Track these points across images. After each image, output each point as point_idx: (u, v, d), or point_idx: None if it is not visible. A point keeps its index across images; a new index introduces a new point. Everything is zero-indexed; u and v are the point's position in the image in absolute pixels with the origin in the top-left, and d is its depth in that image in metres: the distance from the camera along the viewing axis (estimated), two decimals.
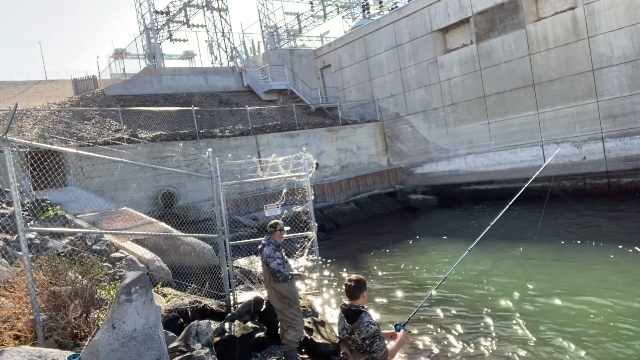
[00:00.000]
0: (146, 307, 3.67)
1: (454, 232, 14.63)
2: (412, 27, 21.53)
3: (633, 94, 15.29)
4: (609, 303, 7.54)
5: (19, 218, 4.17)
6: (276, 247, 5.53)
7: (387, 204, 20.84)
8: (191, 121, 19.13)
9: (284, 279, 5.33)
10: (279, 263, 5.36)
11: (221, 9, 27.41)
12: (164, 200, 15.17)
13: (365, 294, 3.79)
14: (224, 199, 7.78)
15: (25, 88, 27.53)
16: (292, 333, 5.46)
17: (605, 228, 12.43)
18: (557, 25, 16.70)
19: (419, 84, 21.71)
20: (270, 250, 5.48)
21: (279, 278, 5.35)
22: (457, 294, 8.88)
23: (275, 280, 5.41)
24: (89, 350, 3.48)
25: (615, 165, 15.94)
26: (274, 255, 5.41)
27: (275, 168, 8.77)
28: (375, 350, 3.55)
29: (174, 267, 8.54)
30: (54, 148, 5.56)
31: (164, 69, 25.12)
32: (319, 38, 36.96)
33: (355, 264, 12.35)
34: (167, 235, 9.27)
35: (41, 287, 4.59)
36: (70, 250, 7.38)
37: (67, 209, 10.38)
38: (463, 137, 20.32)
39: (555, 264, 9.99)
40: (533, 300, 8.15)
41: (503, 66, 18.45)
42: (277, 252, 5.46)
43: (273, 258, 5.40)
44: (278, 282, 5.42)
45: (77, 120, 18.49)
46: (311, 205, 8.09)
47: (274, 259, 5.39)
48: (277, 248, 5.53)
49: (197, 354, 4.35)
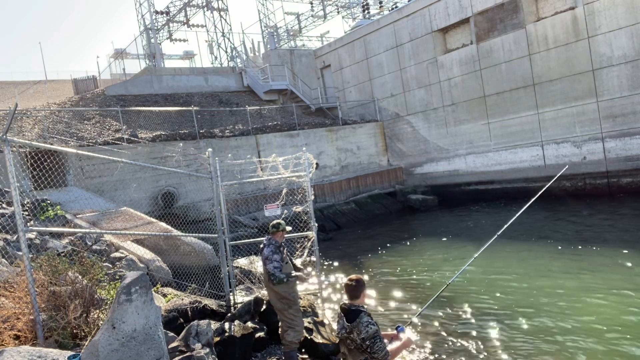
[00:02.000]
0: (146, 307, 3.67)
1: (454, 232, 14.63)
2: (412, 27, 21.53)
3: (633, 94, 15.29)
4: (613, 303, 7.54)
5: (19, 218, 4.17)
6: (276, 248, 5.49)
7: (387, 204, 20.83)
8: (191, 121, 19.13)
9: (278, 282, 5.32)
10: (275, 266, 5.33)
11: (221, 9, 27.41)
12: (164, 200, 15.17)
13: (365, 294, 3.79)
14: (224, 199, 7.77)
15: (25, 88, 27.53)
16: (291, 334, 5.46)
17: (606, 228, 12.43)
18: (557, 25, 16.70)
19: (419, 84, 21.71)
20: (268, 252, 5.45)
21: (273, 281, 5.34)
22: (458, 295, 8.88)
23: (272, 283, 5.41)
24: (89, 350, 3.48)
25: (615, 165, 15.94)
26: (272, 257, 5.38)
27: (275, 168, 8.77)
28: (376, 351, 3.55)
29: (174, 267, 8.54)
30: (54, 148, 5.56)
31: (164, 69, 25.12)
32: (319, 38, 36.97)
33: (355, 264, 12.34)
34: (167, 235, 9.26)
35: (41, 287, 4.59)
36: (70, 250, 7.38)
37: (67, 209, 10.37)
38: (463, 137, 20.32)
39: (555, 264, 9.98)
40: (533, 300, 8.15)
41: (503, 66, 18.45)
42: (276, 254, 5.42)
43: (270, 260, 5.38)
44: (271, 282, 5.43)
45: (77, 120, 18.48)
46: (311, 205, 8.09)
47: (271, 262, 5.37)
48: (277, 249, 5.48)
49: (197, 354, 4.35)
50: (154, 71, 24.40)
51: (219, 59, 28.15)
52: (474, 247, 11.28)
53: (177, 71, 24.92)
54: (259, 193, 17.62)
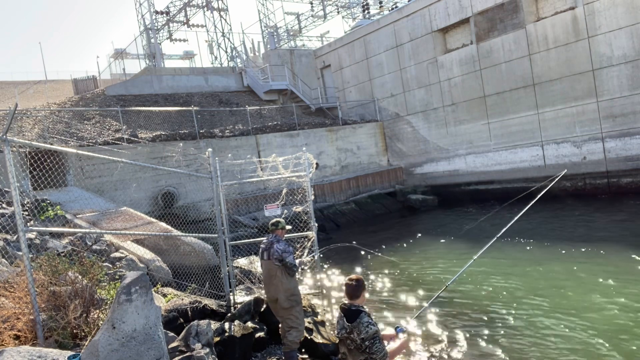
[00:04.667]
0: (146, 307, 3.66)
1: (454, 232, 14.62)
2: (412, 27, 21.53)
3: (633, 94, 15.29)
4: (614, 303, 7.53)
5: (19, 218, 4.17)
6: (286, 243, 5.57)
7: (387, 204, 20.83)
8: (191, 121, 19.13)
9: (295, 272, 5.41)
10: (294, 257, 5.42)
11: (221, 9, 27.41)
12: (164, 200, 15.16)
13: (365, 294, 3.80)
14: (224, 199, 7.77)
15: (25, 88, 27.53)
16: (294, 333, 5.47)
17: (606, 228, 12.43)
18: (557, 25, 16.70)
19: (419, 84, 21.71)
20: (284, 245, 5.46)
21: (294, 272, 5.39)
22: (457, 295, 8.88)
23: (290, 275, 5.42)
24: (89, 350, 3.48)
25: (615, 165, 15.94)
26: (289, 249, 5.42)
27: (275, 168, 8.77)
28: (375, 351, 3.56)
29: (174, 267, 8.54)
30: (54, 148, 5.56)
31: (164, 69, 25.12)
32: (319, 38, 36.98)
33: (355, 264, 12.34)
34: (167, 235, 9.26)
35: (41, 287, 4.59)
36: (70, 250, 7.38)
37: (67, 209, 10.37)
38: (463, 137, 20.32)
39: (555, 264, 9.98)
40: (532, 300, 8.14)
41: (503, 66, 18.45)
42: (290, 247, 5.49)
43: (289, 252, 5.40)
44: (291, 277, 5.45)
45: (77, 120, 18.49)
46: (311, 205, 8.09)
47: (289, 254, 5.40)
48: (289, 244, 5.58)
49: (197, 354, 4.35)
50: (154, 71, 24.40)
51: (219, 59, 28.17)
52: (473, 247, 11.28)
53: (177, 71, 24.92)
54: (259, 193, 17.62)
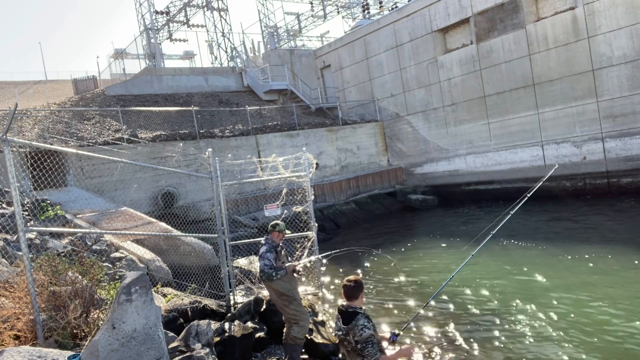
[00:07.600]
0: (146, 307, 3.67)
1: (454, 232, 14.63)
2: (412, 27, 21.53)
3: (633, 94, 15.29)
4: (614, 303, 7.53)
5: (19, 218, 4.17)
6: (271, 247, 5.68)
7: (387, 204, 20.83)
8: (191, 121, 19.12)
9: (267, 278, 5.50)
10: (265, 264, 5.53)
11: (221, 9, 27.41)
12: (164, 200, 15.16)
13: (363, 295, 3.79)
14: (224, 199, 7.78)
15: (25, 88, 27.53)
16: (296, 329, 5.56)
17: (607, 228, 12.43)
18: (557, 25, 16.69)
19: (419, 84, 21.71)
20: (263, 250, 5.68)
21: (262, 277, 5.57)
22: (456, 295, 8.88)
23: (260, 279, 5.65)
24: (89, 350, 3.48)
25: (615, 165, 15.94)
26: (264, 255, 5.60)
27: (275, 168, 8.77)
28: (367, 355, 3.55)
29: (174, 267, 8.54)
30: (54, 148, 5.56)
31: (164, 69, 25.12)
32: (319, 38, 36.96)
33: (354, 264, 12.34)
34: (167, 235, 9.26)
35: (41, 287, 4.59)
36: (70, 250, 7.38)
37: (67, 209, 10.38)
38: (463, 137, 20.32)
39: (555, 264, 9.98)
40: (532, 301, 8.14)
41: (503, 66, 18.45)
42: (270, 252, 5.61)
43: (262, 258, 5.60)
44: (263, 281, 5.65)
45: (77, 120, 18.49)
46: (311, 205, 8.09)
47: (263, 259, 5.58)
48: (272, 248, 5.68)
49: (197, 354, 4.35)
50: (154, 71, 24.39)
51: (219, 59, 28.16)
52: (473, 247, 11.27)
53: (177, 71, 24.91)
54: (259, 193, 17.62)
